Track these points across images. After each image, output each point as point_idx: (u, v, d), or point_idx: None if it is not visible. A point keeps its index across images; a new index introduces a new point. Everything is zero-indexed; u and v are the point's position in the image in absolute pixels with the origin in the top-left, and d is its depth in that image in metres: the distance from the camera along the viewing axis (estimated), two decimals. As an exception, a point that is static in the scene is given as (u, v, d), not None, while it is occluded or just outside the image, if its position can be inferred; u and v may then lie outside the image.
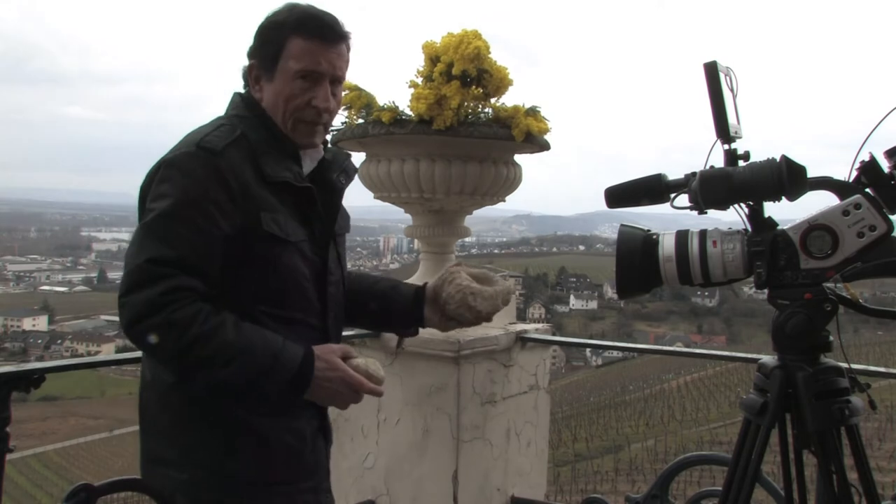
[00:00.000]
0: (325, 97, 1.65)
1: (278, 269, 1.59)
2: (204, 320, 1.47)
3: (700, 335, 64.16)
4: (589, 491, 19.94)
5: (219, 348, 1.47)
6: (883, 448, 22.72)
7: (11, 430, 2.18)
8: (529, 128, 2.85)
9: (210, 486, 1.59)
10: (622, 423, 32.62)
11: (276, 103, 1.64)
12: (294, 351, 1.54)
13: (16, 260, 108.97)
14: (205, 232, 1.50)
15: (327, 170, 1.75)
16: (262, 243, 1.56)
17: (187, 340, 1.45)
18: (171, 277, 1.46)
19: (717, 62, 1.48)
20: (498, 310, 1.87)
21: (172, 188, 1.51)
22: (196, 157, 1.53)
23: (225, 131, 1.59)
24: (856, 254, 1.42)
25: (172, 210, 1.49)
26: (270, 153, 1.61)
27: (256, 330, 1.53)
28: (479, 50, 2.81)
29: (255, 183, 1.56)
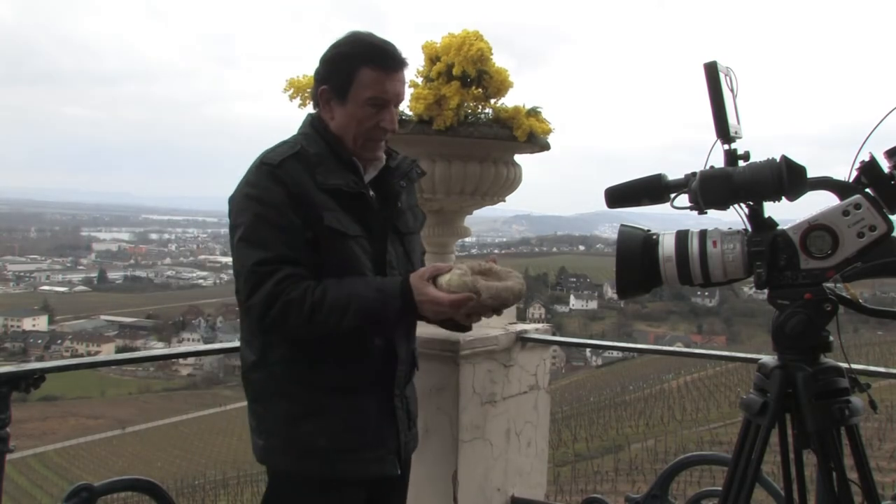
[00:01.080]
0: (392, 120, 1.92)
1: (344, 258, 1.85)
2: (313, 292, 1.78)
3: (700, 335, 64.13)
4: (589, 491, 19.93)
5: (334, 305, 1.77)
6: (883, 448, 22.72)
7: (11, 430, 2.18)
8: (532, 128, 2.85)
9: (278, 451, 1.90)
10: (622, 423, 32.62)
11: (349, 124, 1.90)
12: (393, 282, 1.83)
13: (16, 260, 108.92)
14: (287, 228, 1.80)
15: (390, 176, 1.99)
16: (328, 236, 1.83)
17: (308, 311, 1.76)
18: (278, 271, 1.77)
19: (717, 62, 1.48)
20: (504, 305, 1.85)
21: (249, 203, 1.84)
22: (260, 171, 1.85)
23: (285, 148, 1.89)
24: (856, 254, 1.42)
25: (256, 219, 1.82)
26: (326, 164, 1.87)
27: (354, 279, 1.83)
28: (482, 52, 2.81)
29: (314, 188, 1.83)
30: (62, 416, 45.69)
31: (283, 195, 1.81)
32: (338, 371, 1.88)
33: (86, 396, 50.83)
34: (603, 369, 53.68)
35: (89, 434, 42.90)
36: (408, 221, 2.05)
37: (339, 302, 1.78)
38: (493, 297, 1.80)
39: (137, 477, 2.58)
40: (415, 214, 2.10)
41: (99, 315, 74.74)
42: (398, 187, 1.99)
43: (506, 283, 1.84)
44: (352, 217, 1.87)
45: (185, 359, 51.68)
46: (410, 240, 2.05)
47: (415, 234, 2.09)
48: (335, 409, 1.88)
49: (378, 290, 1.82)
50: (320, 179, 1.84)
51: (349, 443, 1.89)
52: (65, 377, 31.49)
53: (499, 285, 1.83)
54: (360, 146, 1.91)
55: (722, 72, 1.48)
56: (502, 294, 1.82)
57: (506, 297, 1.83)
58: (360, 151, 1.92)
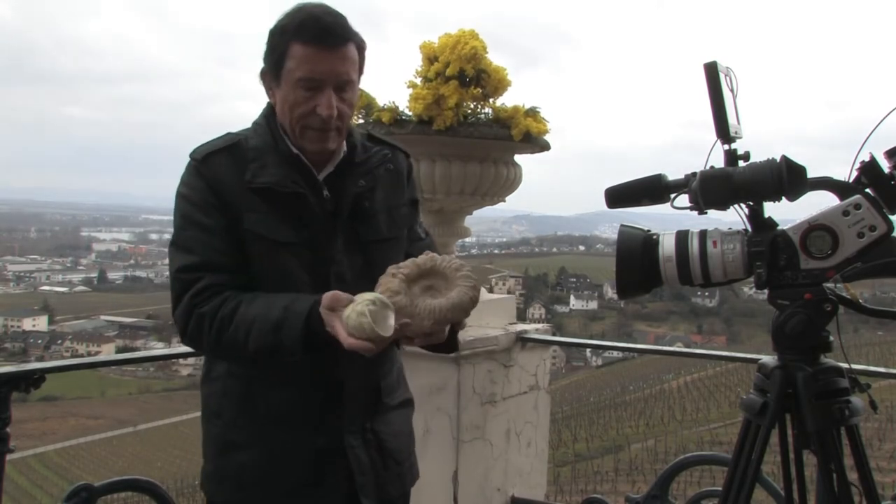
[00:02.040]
0: (328, 104, 1.59)
1: (273, 270, 1.61)
2: (224, 304, 1.56)
3: (700, 335, 64.14)
4: (589, 491, 19.92)
5: (239, 325, 1.54)
6: (883, 448, 22.71)
7: (11, 430, 2.19)
8: (529, 128, 2.86)
9: (213, 479, 1.73)
10: (622, 424, 32.60)
11: (284, 110, 1.64)
12: (304, 299, 1.53)
13: (16, 260, 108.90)
14: (212, 229, 1.60)
15: (348, 173, 1.70)
16: (252, 243, 1.61)
17: (216, 328, 1.56)
18: (198, 280, 1.58)
19: (717, 62, 1.48)
20: (452, 321, 1.52)
21: (179, 201, 1.66)
22: (188, 167, 1.66)
23: (220, 141, 1.67)
24: (856, 254, 1.42)
25: (183, 220, 1.64)
26: (264, 159, 1.63)
27: (272, 295, 1.57)
28: (475, 50, 2.82)
29: (240, 187, 1.61)
30: (62, 416, 45.68)
31: (206, 193, 1.60)
32: (276, 397, 1.64)
33: (86, 396, 50.83)
34: (603, 369, 53.66)
35: (89, 434, 42.88)
36: (377, 226, 1.71)
37: (244, 320, 1.53)
38: (435, 320, 1.47)
39: (137, 477, 2.58)
40: (393, 218, 1.75)
41: (99, 315, 74.74)
42: (355, 186, 1.68)
43: (449, 298, 1.49)
44: (289, 221, 1.61)
45: (185, 359, 51.60)
46: (379, 249, 1.69)
47: (390, 241, 1.73)
48: (269, 441, 1.64)
49: (284, 309, 1.51)
50: (249, 176, 1.61)
51: (282, 481, 1.65)
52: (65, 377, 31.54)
53: (439, 306, 1.47)
54: (298, 135, 1.64)
55: (722, 72, 1.48)
56: (446, 315, 1.47)
57: (451, 317, 1.49)
58: (302, 141, 1.64)
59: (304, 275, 1.62)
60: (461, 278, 1.52)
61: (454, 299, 1.49)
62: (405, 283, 1.50)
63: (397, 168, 1.80)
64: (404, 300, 1.47)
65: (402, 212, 1.78)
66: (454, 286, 1.51)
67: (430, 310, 1.47)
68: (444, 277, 1.53)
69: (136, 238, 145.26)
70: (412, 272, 1.52)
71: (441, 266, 1.53)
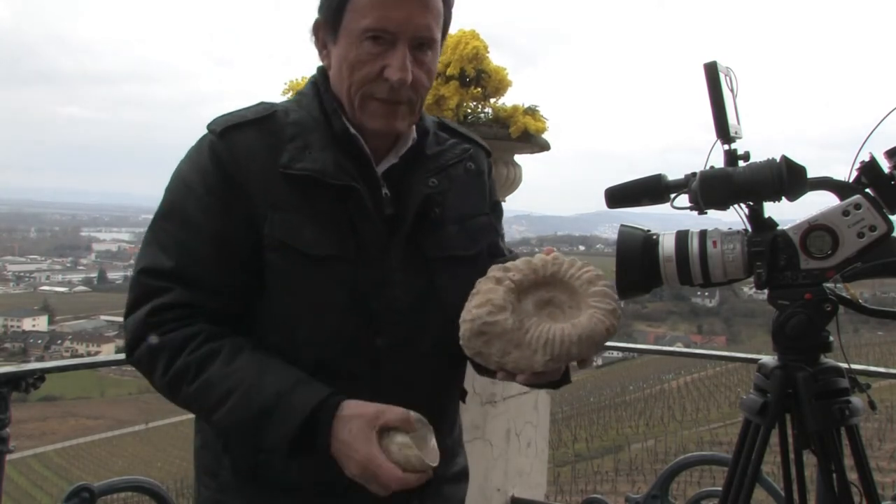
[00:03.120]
0: (402, 65, 1.20)
1: (298, 295, 1.21)
2: (197, 346, 1.17)
3: (700, 335, 64.12)
4: (589, 491, 19.93)
5: (209, 382, 1.16)
6: (883, 448, 22.72)
7: (11, 431, 2.19)
8: (527, 126, 2.86)
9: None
10: (622, 424, 32.61)
11: (341, 73, 1.25)
12: (310, 391, 1.14)
13: (16, 260, 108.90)
14: (205, 232, 1.21)
15: (415, 168, 1.31)
16: (274, 255, 1.21)
17: (175, 373, 1.17)
18: (166, 292, 1.20)
19: (717, 62, 1.48)
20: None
21: (174, 182, 1.27)
22: (201, 141, 1.26)
23: (250, 110, 1.28)
24: (856, 254, 1.42)
25: (170, 207, 1.25)
26: (309, 137, 1.24)
27: (266, 360, 1.18)
28: (477, 50, 2.82)
29: (271, 174, 1.21)
30: (62, 416, 45.68)
31: (215, 179, 1.21)
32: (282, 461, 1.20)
33: (86, 396, 50.82)
34: (603, 369, 53.65)
35: (89, 434, 42.88)
36: (448, 240, 1.32)
37: (218, 383, 1.15)
38: (552, 356, 1.10)
39: (137, 477, 2.58)
40: (469, 231, 1.36)
41: (99, 315, 74.69)
42: (425, 186, 1.30)
43: (577, 325, 1.10)
44: (330, 226, 1.22)
45: (185, 359, 51.46)
46: (449, 270, 1.30)
47: (464, 260, 1.33)
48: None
49: (277, 396, 1.12)
50: (286, 160, 1.21)
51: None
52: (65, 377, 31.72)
53: (561, 336, 1.08)
54: (357, 107, 1.25)
55: (722, 72, 1.48)
56: (570, 351, 1.08)
57: (577, 352, 1.11)
58: (360, 116, 1.26)
59: (343, 299, 1.22)
60: (596, 296, 1.14)
61: (584, 328, 1.10)
62: (514, 294, 1.13)
63: (478, 168, 1.43)
64: (510, 321, 1.09)
65: (482, 223, 1.40)
66: (584, 306, 1.13)
67: (546, 340, 1.09)
68: (569, 291, 1.16)
69: (136, 238, 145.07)
70: (525, 279, 1.15)
71: (568, 275, 1.15)
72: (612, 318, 1.14)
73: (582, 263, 1.19)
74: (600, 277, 1.18)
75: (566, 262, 1.18)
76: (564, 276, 1.17)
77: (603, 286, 1.17)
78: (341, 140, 1.26)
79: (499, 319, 1.10)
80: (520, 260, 1.21)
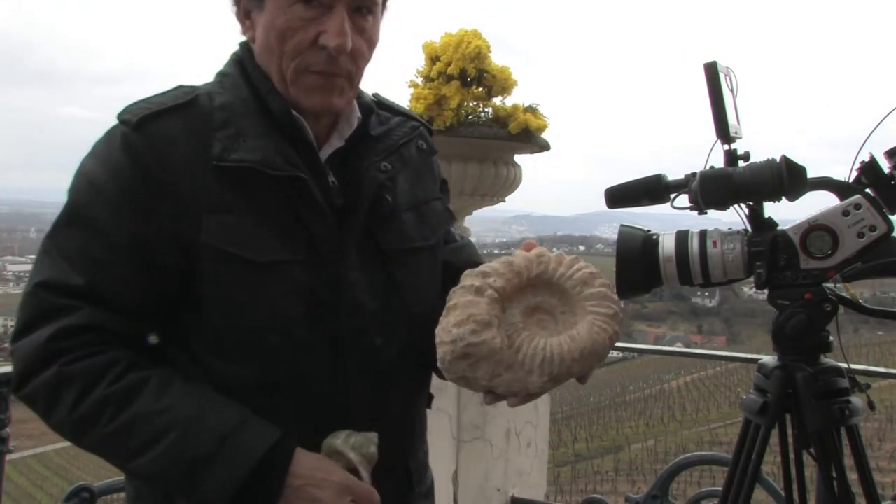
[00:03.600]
0: (340, 30, 1.04)
1: (245, 307, 1.04)
2: (117, 377, 0.99)
3: (700, 335, 64.13)
4: (589, 491, 19.93)
5: (132, 422, 0.97)
6: (883, 448, 22.73)
7: (11, 430, 2.19)
8: (528, 123, 2.86)
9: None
10: (622, 424, 32.62)
11: (268, 43, 1.07)
12: (259, 433, 0.98)
13: (16, 260, 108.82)
14: (121, 241, 1.02)
15: (363, 151, 1.15)
16: (213, 265, 1.02)
17: (88, 407, 0.98)
18: (72, 312, 1.00)
19: (717, 62, 1.48)
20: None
21: (77, 181, 1.08)
22: (110, 135, 1.07)
23: (167, 96, 1.09)
24: (856, 254, 1.42)
25: (73, 212, 1.06)
26: (238, 123, 1.06)
27: (204, 395, 1.01)
28: (479, 49, 2.82)
29: (201, 169, 1.03)
30: (62, 416, 45.69)
31: (132, 179, 1.02)
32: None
33: (86, 396, 50.85)
34: (603, 369, 53.61)
35: (89, 434, 42.92)
36: (403, 230, 1.18)
37: (144, 424, 0.97)
38: (551, 376, 0.96)
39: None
40: (424, 217, 1.22)
41: (99, 315, 74.73)
42: (377, 171, 1.14)
43: (575, 338, 0.95)
44: (277, 226, 1.05)
45: (185, 359, 51.45)
46: (408, 263, 1.17)
47: (422, 251, 1.20)
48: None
49: (221, 439, 0.96)
50: (218, 151, 1.03)
51: None
52: (65, 377, 31.06)
53: (559, 352, 0.93)
54: (290, 82, 1.07)
55: (722, 72, 1.48)
56: (570, 368, 0.95)
57: (578, 370, 0.98)
58: (295, 92, 1.08)
59: (297, 309, 1.05)
60: (594, 299, 0.98)
61: (585, 341, 0.94)
62: (498, 305, 0.95)
63: (430, 147, 1.28)
64: (498, 339, 0.93)
65: (436, 208, 1.27)
66: (579, 311, 0.98)
67: (543, 358, 0.93)
68: (560, 294, 1.00)
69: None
70: (508, 284, 0.97)
71: (557, 275, 0.99)
72: (615, 324, 0.99)
73: (571, 260, 1.03)
74: (595, 276, 1.02)
75: (553, 260, 1.00)
76: (553, 277, 1.00)
77: (600, 287, 1.01)
78: (280, 124, 1.09)
79: (485, 339, 0.93)
80: (498, 262, 1.03)
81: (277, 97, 1.09)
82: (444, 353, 0.97)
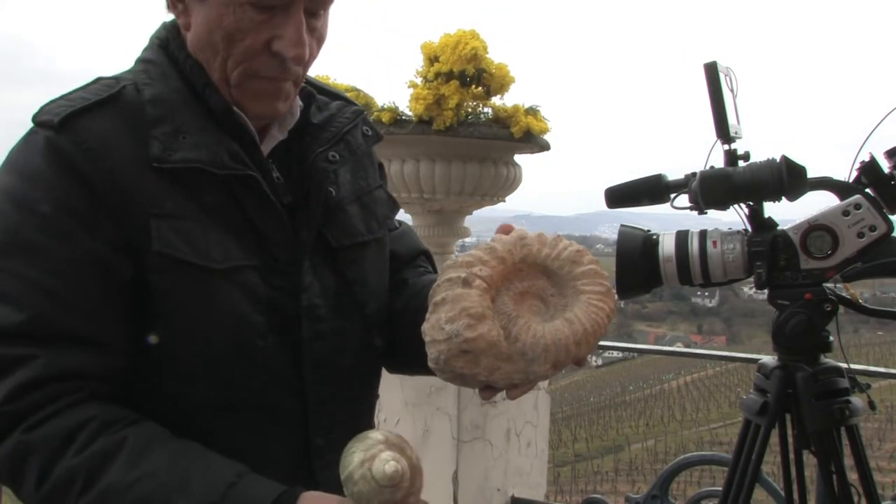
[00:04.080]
0: (299, 39, 0.94)
1: (198, 321, 0.93)
2: (86, 442, 0.83)
3: (700, 335, 64.17)
4: (589, 491, 19.94)
5: (106, 495, 0.82)
6: (883, 448, 22.75)
7: (11, 431, 2.18)
8: (529, 126, 2.86)
9: None
10: (622, 424, 32.63)
11: (211, 41, 0.95)
12: (253, 495, 0.83)
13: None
14: (67, 263, 0.88)
15: (306, 142, 1.06)
16: (163, 275, 0.91)
17: (55, 483, 0.82)
18: (24, 363, 0.84)
19: (717, 62, 1.48)
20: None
21: (4, 198, 0.91)
22: (24, 142, 0.92)
23: (90, 90, 0.95)
24: (856, 254, 1.42)
25: (5, 238, 0.89)
26: (175, 118, 0.94)
27: (188, 455, 0.86)
28: (476, 50, 2.82)
29: (140, 170, 0.91)
30: (62, 416, 45.75)
31: (65, 189, 0.88)
32: None
33: (86, 396, 50.90)
34: (603, 369, 53.68)
35: (89, 434, 42.97)
36: (349, 224, 1.08)
37: (124, 493, 0.82)
38: (553, 363, 0.91)
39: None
40: (368, 208, 1.12)
41: (99, 315, 74.76)
42: (325, 162, 1.04)
43: (573, 321, 0.91)
44: (224, 227, 0.95)
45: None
46: (357, 259, 1.08)
47: (369, 244, 1.11)
48: None
49: (224, 498, 0.82)
50: (157, 150, 0.91)
51: None
52: (65, 377, 31.47)
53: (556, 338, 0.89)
54: (234, 84, 0.97)
55: (722, 72, 1.48)
56: (570, 352, 0.91)
57: (576, 353, 0.92)
58: (238, 96, 0.98)
59: (258, 319, 0.96)
60: (585, 277, 0.92)
61: (584, 322, 0.90)
62: (489, 296, 0.90)
63: (375, 133, 1.18)
64: (494, 331, 0.88)
65: (379, 197, 1.17)
66: (571, 292, 0.93)
67: (545, 346, 0.88)
68: (548, 275, 0.94)
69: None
70: (495, 272, 0.91)
71: (542, 256, 0.93)
72: (610, 301, 0.93)
73: (554, 239, 0.97)
74: (582, 253, 0.95)
75: (535, 241, 0.95)
76: (539, 259, 0.94)
77: (589, 264, 0.94)
78: (223, 119, 0.98)
79: (481, 332, 0.87)
80: (479, 250, 0.96)
81: (215, 93, 0.98)
82: (439, 352, 0.91)
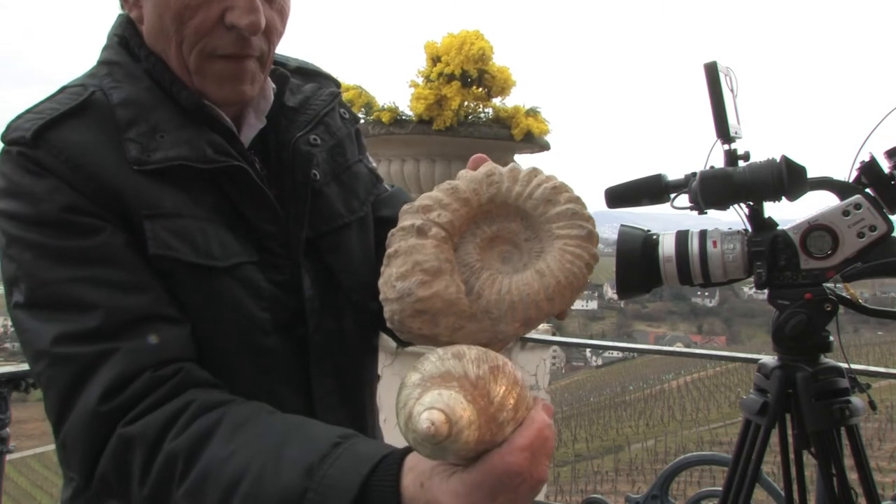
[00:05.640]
0: (251, 5, 0.88)
1: (203, 322, 0.88)
2: (182, 427, 0.79)
3: (700, 335, 64.22)
4: (589, 491, 19.95)
5: (205, 474, 0.76)
6: (883, 448, 22.74)
7: (11, 430, 2.19)
8: (530, 128, 2.86)
9: None
10: (622, 424, 32.64)
11: (162, 26, 0.90)
12: (355, 457, 0.73)
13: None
14: (108, 252, 0.85)
15: (283, 126, 1.01)
16: (163, 277, 0.87)
17: (157, 473, 0.78)
18: (108, 357, 0.81)
19: (717, 62, 1.48)
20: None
21: (11, 225, 0.86)
22: (4, 160, 0.88)
23: (58, 100, 0.91)
24: (856, 254, 1.42)
25: (31, 266, 0.84)
26: (148, 119, 0.90)
27: (289, 423, 0.81)
28: (483, 51, 2.83)
29: (124, 175, 0.87)
30: (62, 416, 45.73)
31: (61, 193, 0.84)
32: None
33: (86, 396, 50.89)
34: (603, 369, 53.72)
35: (89, 434, 42.95)
36: (329, 206, 1.02)
37: (221, 467, 0.76)
38: (522, 321, 0.76)
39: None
40: (347, 186, 1.06)
41: (99, 315, 74.74)
42: (307, 146, 1.00)
43: (544, 271, 0.77)
44: (222, 221, 0.92)
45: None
46: (338, 242, 1.02)
47: (350, 225, 1.04)
48: None
49: (308, 471, 0.73)
50: (136, 153, 0.87)
51: None
52: (65, 377, 31.10)
53: (526, 292, 0.76)
54: (194, 71, 0.91)
55: (722, 72, 1.48)
56: (542, 308, 0.77)
57: (549, 309, 0.78)
58: (200, 83, 0.92)
59: (262, 316, 0.92)
60: (561, 219, 0.79)
61: (555, 273, 0.76)
62: (448, 245, 0.78)
63: (353, 116, 1.13)
64: (453, 288, 0.76)
65: (359, 171, 1.10)
66: (545, 236, 0.79)
67: (510, 303, 0.76)
68: (521, 216, 0.80)
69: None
70: (456, 217, 0.78)
71: (514, 194, 0.79)
72: (590, 247, 0.78)
73: (527, 174, 0.81)
74: (559, 189, 0.80)
75: (505, 176, 0.80)
76: (509, 198, 0.79)
77: (567, 203, 0.79)
78: (195, 112, 0.93)
79: (436, 290, 0.75)
80: (440, 190, 0.82)
81: (183, 90, 0.92)
82: (392, 312, 0.78)
